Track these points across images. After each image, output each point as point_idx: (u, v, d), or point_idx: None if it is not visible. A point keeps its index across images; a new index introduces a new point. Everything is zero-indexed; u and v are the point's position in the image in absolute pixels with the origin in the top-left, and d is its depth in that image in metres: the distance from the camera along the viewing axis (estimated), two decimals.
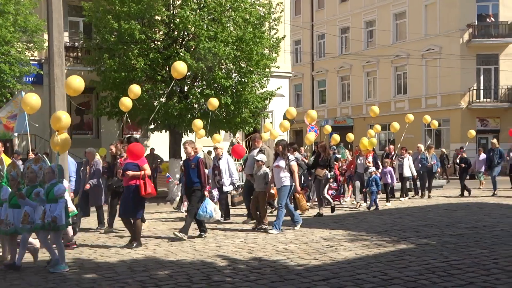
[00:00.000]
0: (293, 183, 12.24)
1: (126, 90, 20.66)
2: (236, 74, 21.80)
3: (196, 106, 21.28)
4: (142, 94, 20.69)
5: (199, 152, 14.42)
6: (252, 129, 24.11)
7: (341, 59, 45.24)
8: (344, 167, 19.51)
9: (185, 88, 21.79)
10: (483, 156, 22.77)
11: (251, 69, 21.71)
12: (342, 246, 10.06)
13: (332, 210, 15.31)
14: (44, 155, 11.57)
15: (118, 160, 12.57)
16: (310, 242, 10.59)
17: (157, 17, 21.12)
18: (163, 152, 24.17)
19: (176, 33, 21.41)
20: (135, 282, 7.64)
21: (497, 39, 36.77)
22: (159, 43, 21.41)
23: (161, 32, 21.46)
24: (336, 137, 21.79)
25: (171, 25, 21.28)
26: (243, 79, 21.67)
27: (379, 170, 17.78)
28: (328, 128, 21.67)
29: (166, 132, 23.12)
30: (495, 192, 20.42)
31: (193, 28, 20.70)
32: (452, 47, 36.97)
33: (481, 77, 37.39)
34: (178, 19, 20.61)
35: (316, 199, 16.66)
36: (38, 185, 8.97)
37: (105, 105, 22.31)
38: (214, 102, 18.40)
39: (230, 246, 10.40)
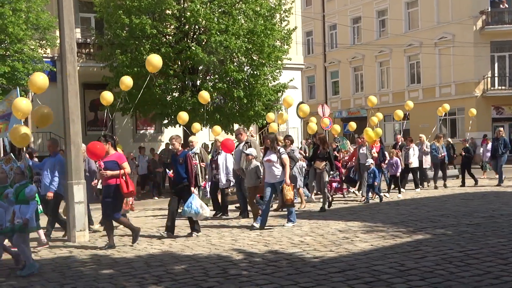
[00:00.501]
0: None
1: (138, 86, 20.76)
2: (248, 67, 21.78)
3: (209, 100, 21.27)
4: (155, 89, 20.79)
5: (195, 146, 14.51)
6: (265, 121, 24.09)
7: (354, 49, 44.99)
8: (345, 158, 19.07)
9: (198, 82, 21.80)
10: (490, 145, 22.42)
11: (263, 61, 21.68)
12: (358, 237, 10.02)
13: (329, 204, 14.86)
14: (12, 154, 11.53)
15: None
16: (325, 234, 10.56)
17: (167, 11, 21.13)
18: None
19: (187, 27, 21.43)
20: (152, 277, 7.65)
21: (511, 25, 36.36)
22: (170, 37, 21.43)
23: (172, 27, 21.48)
24: (337, 128, 21.57)
25: (182, 19, 21.29)
26: (255, 72, 21.63)
27: (386, 161, 17.50)
28: (326, 121, 21.75)
29: (180, 127, 23.15)
30: (501, 184, 19.72)
31: (204, 21, 20.70)
32: (465, 34, 36.62)
33: (496, 65, 37.04)
34: (188, 13, 20.61)
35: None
36: (8, 186, 8.91)
37: (118, 101, 22.36)
38: (205, 96, 18.11)
39: (245, 239, 10.39)
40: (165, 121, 22.84)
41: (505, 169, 20.79)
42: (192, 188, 11.16)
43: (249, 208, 13.20)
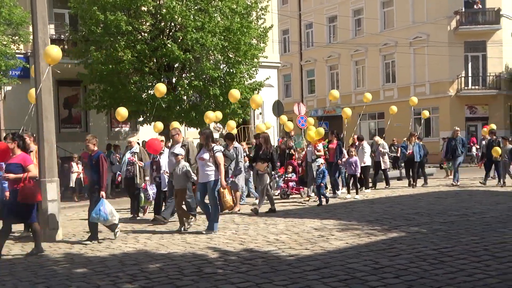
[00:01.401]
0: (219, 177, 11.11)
1: (113, 83, 20.62)
2: (224, 65, 21.75)
3: (185, 97, 21.19)
4: (130, 86, 20.65)
5: (134, 146, 13.95)
6: (241, 120, 24.08)
7: (330, 48, 45.22)
8: (301, 156, 18.35)
9: (173, 80, 21.69)
10: (446, 145, 22.06)
11: (239, 59, 21.66)
12: (333, 235, 10.04)
13: (272, 210, 13.73)
14: None
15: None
16: (301, 232, 10.56)
17: (143, 8, 20.99)
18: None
19: (163, 24, 21.31)
20: (126, 276, 7.58)
21: (484, 26, 36.91)
22: (146, 34, 21.29)
23: (147, 23, 21.34)
24: (290, 125, 20.29)
25: (158, 15, 21.17)
26: (231, 70, 21.61)
27: (343, 159, 17.19)
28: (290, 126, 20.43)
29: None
30: (457, 183, 19.54)
31: (180, 18, 20.60)
32: (440, 34, 37.04)
33: (469, 65, 37.55)
34: (164, 10, 20.50)
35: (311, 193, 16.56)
36: None
37: (93, 98, 22.20)
38: (161, 88, 17.48)
39: (221, 238, 10.36)
40: (140, 119, 22.68)
41: (461, 169, 20.80)
42: (102, 192, 10.31)
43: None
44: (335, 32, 45.59)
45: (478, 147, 30.09)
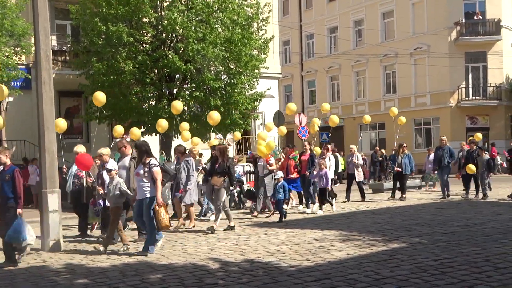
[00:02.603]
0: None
1: (115, 93, 20.64)
2: (225, 76, 21.79)
3: (186, 108, 21.21)
4: (131, 97, 20.70)
5: (107, 160, 12.01)
6: (242, 130, 24.10)
7: (330, 58, 45.33)
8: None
9: (175, 91, 21.74)
10: (432, 156, 21.36)
11: (240, 70, 21.70)
12: (334, 246, 10.04)
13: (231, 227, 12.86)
14: None
15: None
16: (302, 243, 10.56)
17: (144, 19, 21.05)
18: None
19: (164, 35, 21.37)
20: (127, 287, 7.59)
21: (484, 37, 36.97)
22: (147, 45, 21.34)
23: (149, 35, 21.40)
24: (237, 135, 20.47)
25: (159, 27, 21.24)
26: (232, 81, 21.65)
27: (312, 171, 16.24)
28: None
29: (156, 135, 23.00)
30: (446, 195, 18.80)
31: (181, 29, 20.66)
32: (440, 45, 37.12)
33: (470, 75, 37.60)
34: (166, 21, 20.57)
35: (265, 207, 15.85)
36: None
37: (94, 109, 22.20)
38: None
39: (222, 248, 10.36)
40: (142, 129, 22.70)
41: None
42: (19, 210, 9.47)
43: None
44: (336, 42, 45.71)
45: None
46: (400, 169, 19.14)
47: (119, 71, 20.43)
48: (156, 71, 21.42)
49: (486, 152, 19.52)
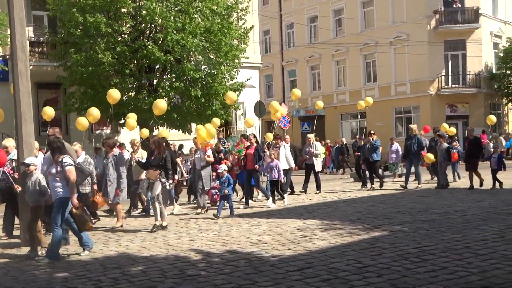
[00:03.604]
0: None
1: (94, 85, 20.47)
2: (205, 66, 21.69)
3: (166, 99, 21.10)
4: (110, 88, 20.51)
5: (12, 152, 11.49)
6: (223, 121, 24.03)
7: (311, 48, 45.30)
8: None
9: (154, 82, 21.61)
10: (395, 146, 21.42)
11: (220, 60, 21.64)
12: (316, 235, 10.04)
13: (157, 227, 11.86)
14: None
15: None
16: (284, 233, 10.55)
17: (123, 10, 20.89)
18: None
19: (143, 25, 21.23)
20: (108, 279, 7.51)
21: (463, 25, 37.17)
22: (126, 36, 21.18)
23: (127, 25, 21.24)
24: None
25: (138, 17, 21.08)
26: (212, 71, 21.57)
27: (260, 163, 15.37)
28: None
29: (136, 126, 22.83)
30: (419, 185, 18.29)
31: (160, 20, 20.53)
32: (420, 33, 37.26)
33: (449, 63, 37.80)
34: (144, 11, 20.42)
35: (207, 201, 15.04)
36: None
37: (73, 101, 22.03)
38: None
39: (204, 239, 10.31)
40: (122, 121, 22.54)
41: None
42: None
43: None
44: (316, 32, 45.67)
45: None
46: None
47: (97, 62, 20.26)
48: (135, 62, 21.27)
49: (455, 140, 19.27)
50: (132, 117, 16.99)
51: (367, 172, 19.12)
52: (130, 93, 21.41)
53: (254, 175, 15.63)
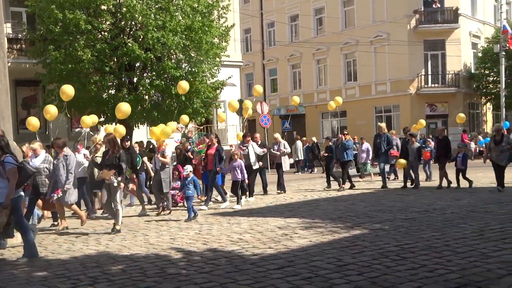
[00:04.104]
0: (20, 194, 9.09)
1: (73, 83, 20.26)
2: (186, 64, 21.63)
3: (146, 97, 21.02)
4: (90, 86, 20.36)
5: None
6: (204, 119, 23.98)
7: (292, 47, 45.39)
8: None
9: (135, 79, 21.48)
10: (365, 145, 21.13)
11: (201, 58, 21.59)
12: (296, 234, 10.05)
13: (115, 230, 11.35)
14: None
15: None
16: (264, 231, 10.55)
17: (103, 7, 20.73)
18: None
19: (123, 22, 21.10)
20: (88, 278, 7.44)
21: (443, 25, 37.49)
22: (106, 33, 21.03)
23: (107, 22, 21.09)
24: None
25: (118, 14, 20.94)
26: (193, 69, 21.51)
27: (221, 165, 14.99)
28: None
29: (116, 125, 22.67)
30: (385, 185, 18.15)
31: (140, 17, 20.43)
32: (400, 33, 37.51)
33: (429, 63, 38.11)
34: (124, 8, 20.30)
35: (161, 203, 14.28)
36: None
37: (52, 98, 21.80)
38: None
39: (184, 238, 10.27)
40: (101, 119, 22.38)
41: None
42: None
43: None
44: (297, 31, 45.76)
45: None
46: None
47: (77, 59, 20.09)
48: (115, 60, 21.13)
49: (432, 140, 19.36)
50: (89, 116, 16.42)
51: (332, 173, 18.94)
52: (110, 91, 21.26)
53: (214, 176, 15.05)
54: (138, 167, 14.80)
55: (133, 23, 21.20)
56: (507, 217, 10.92)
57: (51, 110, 15.36)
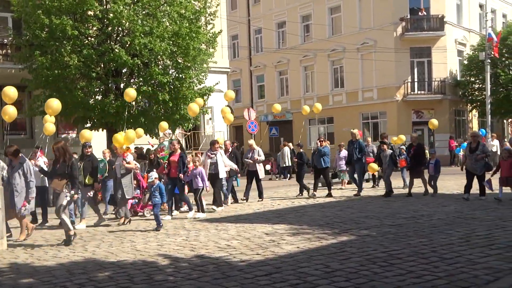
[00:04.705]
0: None
1: (59, 88, 20.16)
2: (173, 70, 21.61)
3: (133, 103, 20.93)
4: (77, 92, 20.26)
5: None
6: (192, 125, 23.94)
7: (279, 53, 45.49)
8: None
9: (122, 85, 21.41)
10: (343, 152, 20.55)
11: (188, 64, 21.57)
12: (284, 240, 10.05)
13: (68, 242, 10.70)
14: None
15: None
16: (252, 237, 10.53)
17: (89, 12, 20.66)
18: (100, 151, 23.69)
19: (110, 28, 21.03)
20: (74, 285, 7.39)
21: (429, 32, 37.75)
22: (92, 39, 20.95)
23: (94, 28, 21.01)
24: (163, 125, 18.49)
25: (105, 20, 20.87)
26: (180, 75, 21.50)
27: (188, 172, 14.57)
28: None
29: (103, 131, 22.59)
30: (359, 193, 17.95)
31: (127, 23, 20.38)
32: (386, 40, 37.73)
33: (415, 70, 38.33)
34: (111, 14, 20.24)
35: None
36: None
37: (38, 104, 21.64)
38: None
39: (171, 244, 10.23)
40: (88, 125, 22.26)
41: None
42: None
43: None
44: (284, 37, 45.87)
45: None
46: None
47: (63, 65, 19.98)
48: (102, 65, 21.04)
49: (406, 147, 19.16)
50: (47, 120, 15.74)
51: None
52: (97, 97, 21.16)
53: (178, 184, 14.61)
54: (106, 174, 14.24)
55: (120, 29, 21.14)
56: (493, 223, 11.00)
57: (10, 111, 14.69)
